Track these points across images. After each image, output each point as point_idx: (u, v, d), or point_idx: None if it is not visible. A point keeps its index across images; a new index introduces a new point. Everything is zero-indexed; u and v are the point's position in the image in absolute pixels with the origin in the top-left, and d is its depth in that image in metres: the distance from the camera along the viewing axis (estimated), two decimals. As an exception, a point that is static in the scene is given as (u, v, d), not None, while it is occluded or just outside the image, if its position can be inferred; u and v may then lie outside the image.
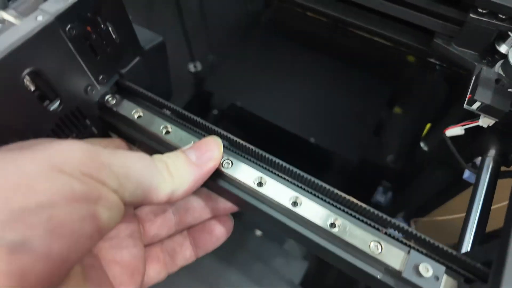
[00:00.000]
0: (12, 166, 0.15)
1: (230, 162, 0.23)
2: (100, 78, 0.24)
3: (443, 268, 0.19)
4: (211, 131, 0.24)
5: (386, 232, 0.21)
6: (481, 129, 0.30)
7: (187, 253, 0.25)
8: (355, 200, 0.21)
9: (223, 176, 0.23)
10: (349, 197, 0.21)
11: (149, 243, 0.24)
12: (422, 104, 0.70)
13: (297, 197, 0.21)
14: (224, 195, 0.24)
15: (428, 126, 0.52)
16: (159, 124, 0.24)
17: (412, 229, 0.20)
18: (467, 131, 0.33)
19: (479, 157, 0.34)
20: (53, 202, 0.14)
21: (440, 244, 0.20)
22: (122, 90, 0.26)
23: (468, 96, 0.27)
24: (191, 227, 0.26)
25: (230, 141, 0.23)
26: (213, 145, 0.22)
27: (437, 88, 0.56)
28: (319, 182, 0.21)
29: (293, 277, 0.67)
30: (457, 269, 0.20)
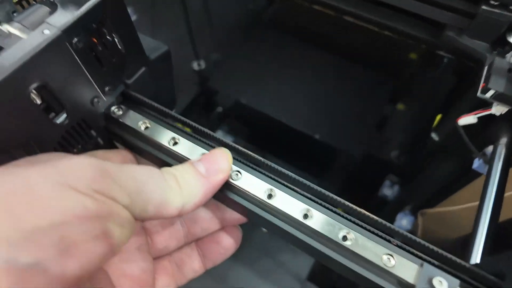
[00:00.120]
0: (23, 184, 0.14)
1: (239, 174, 0.23)
2: (106, 89, 0.24)
3: (457, 282, 0.19)
4: (220, 142, 0.24)
5: (397, 244, 0.21)
6: (494, 118, 0.32)
7: (196, 265, 0.25)
8: (367, 212, 0.21)
9: (232, 188, 0.23)
10: (361, 210, 0.21)
11: (158, 256, 0.24)
12: (429, 98, 0.70)
13: (308, 210, 0.21)
14: (233, 207, 0.24)
15: (439, 117, 0.52)
16: (167, 135, 0.24)
17: (425, 242, 0.20)
18: (480, 120, 0.34)
19: (490, 146, 0.35)
20: (66, 221, 0.14)
21: (453, 257, 0.20)
22: (127, 100, 0.26)
23: (482, 85, 0.29)
24: (199, 239, 0.25)
25: (239, 152, 0.23)
26: (222, 157, 0.22)
27: (446, 81, 0.57)
28: (330, 194, 0.21)
29: (300, 272, 0.68)
30: (470, 281, 0.20)
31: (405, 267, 0.20)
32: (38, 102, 0.20)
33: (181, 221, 0.25)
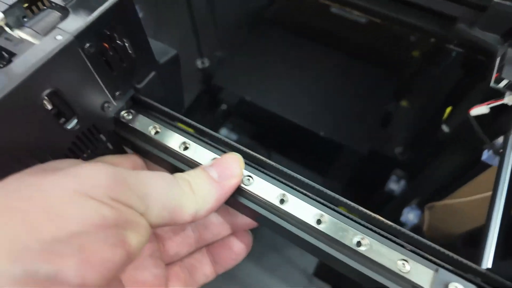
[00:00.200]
0: (39, 193, 0.14)
1: (251, 179, 0.22)
2: (117, 94, 0.23)
3: (473, 287, 0.19)
4: (231, 147, 0.24)
5: (411, 249, 0.21)
6: (506, 108, 0.32)
7: (207, 271, 0.24)
8: (381, 218, 0.21)
9: (244, 193, 0.22)
10: (375, 215, 0.21)
11: (169, 262, 0.24)
12: (436, 92, 0.71)
13: (322, 215, 0.21)
14: (245, 212, 0.24)
15: (449, 110, 0.53)
16: (177, 140, 0.24)
17: (439, 247, 0.20)
18: (492, 110, 0.35)
19: (501, 138, 0.36)
20: (84, 231, 0.14)
21: (468, 262, 0.19)
22: (137, 105, 0.26)
23: (495, 75, 0.30)
24: (210, 244, 0.25)
25: (250, 157, 0.23)
26: (234, 162, 0.22)
27: (454, 74, 0.58)
28: (344, 199, 0.21)
29: (307, 267, 0.68)
30: (486, 287, 0.19)
31: (420, 273, 0.20)
32: (49, 108, 0.20)
33: (192, 227, 0.25)
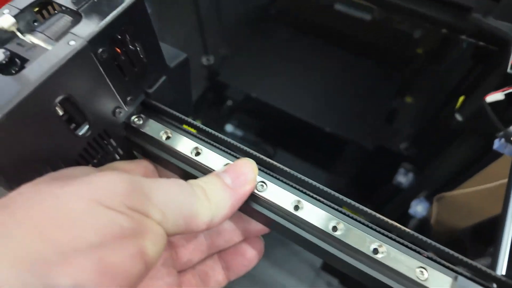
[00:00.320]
0: (57, 203, 0.14)
1: (264, 185, 0.22)
2: (128, 99, 0.23)
3: (494, 296, 0.18)
4: (243, 152, 0.23)
5: (428, 256, 0.21)
6: None
7: (220, 277, 0.24)
8: (398, 224, 0.20)
9: (258, 199, 0.22)
10: (392, 221, 0.20)
11: (181, 269, 0.23)
12: (440, 87, 0.71)
13: (338, 222, 0.21)
14: (258, 218, 0.23)
15: (462, 99, 0.53)
16: (189, 145, 0.24)
17: (458, 255, 0.20)
18: (506, 97, 0.36)
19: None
20: (103, 242, 0.13)
21: (488, 269, 0.19)
22: (147, 109, 0.25)
23: (511, 62, 0.31)
24: (222, 250, 0.25)
25: (263, 162, 0.23)
26: (248, 168, 0.21)
27: (464, 65, 0.59)
28: (360, 206, 0.21)
29: (315, 261, 0.69)
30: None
31: (438, 280, 0.19)
32: (61, 114, 0.20)
33: (205, 233, 0.24)
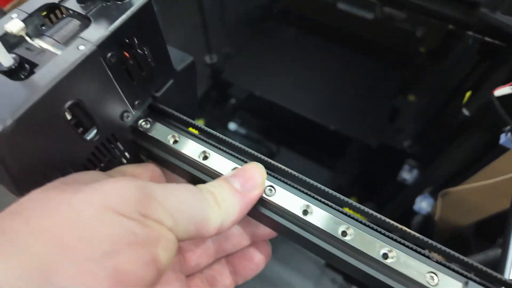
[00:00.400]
0: (70, 212, 0.14)
1: (273, 189, 0.22)
2: (136, 103, 0.23)
3: (505, 302, 0.18)
4: (251, 156, 0.23)
5: (437, 260, 0.21)
6: None
7: (227, 282, 0.24)
8: (408, 229, 0.20)
9: (266, 204, 0.22)
10: (401, 226, 0.20)
11: (189, 274, 0.23)
12: (443, 84, 0.71)
13: (347, 227, 0.21)
14: (266, 223, 0.23)
15: (469, 94, 0.54)
16: (197, 149, 0.23)
17: (468, 259, 0.19)
18: None
19: None
20: (117, 249, 0.13)
21: (498, 275, 0.19)
22: (154, 113, 0.25)
23: None
24: (229, 255, 0.25)
25: (272, 167, 0.23)
26: (257, 172, 0.21)
27: (470, 60, 0.59)
28: (369, 211, 0.21)
29: (319, 258, 0.68)
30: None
31: (449, 286, 0.19)
32: (69, 118, 0.20)
33: (212, 238, 0.24)
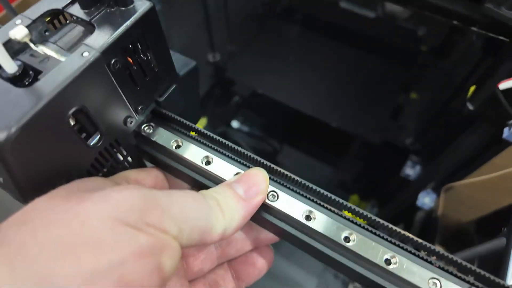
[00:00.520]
0: (76, 222, 0.14)
1: (276, 195, 0.22)
2: (139, 108, 0.23)
3: (508, 308, 0.18)
4: (254, 161, 0.23)
5: (440, 266, 0.21)
6: None
7: (230, 287, 0.24)
8: (411, 235, 0.20)
9: (269, 209, 0.22)
10: (404, 232, 0.20)
11: (192, 279, 0.23)
12: (446, 81, 0.72)
13: (350, 233, 0.21)
14: (269, 228, 0.23)
15: (473, 88, 0.54)
16: (200, 154, 0.23)
17: (471, 265, 0.19)
18: None
19: None
20: (123, 260, 0.13)
21: (501, 281, 0.19)
22: (157, 118, 0.25)
23: None
24: (232, 260, 0.25)
25: (274, 172, 0.23)
26: (260, 178, 0.21)
27: (473, 56, 0.59)
28: (372, 216, 0.21)
29: None
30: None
31: (452, 292, 0.19)
32: (72, 124, 0.20)
33: (216, 243, 0.24)
